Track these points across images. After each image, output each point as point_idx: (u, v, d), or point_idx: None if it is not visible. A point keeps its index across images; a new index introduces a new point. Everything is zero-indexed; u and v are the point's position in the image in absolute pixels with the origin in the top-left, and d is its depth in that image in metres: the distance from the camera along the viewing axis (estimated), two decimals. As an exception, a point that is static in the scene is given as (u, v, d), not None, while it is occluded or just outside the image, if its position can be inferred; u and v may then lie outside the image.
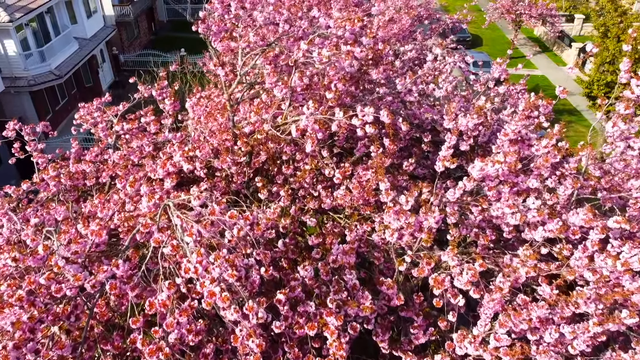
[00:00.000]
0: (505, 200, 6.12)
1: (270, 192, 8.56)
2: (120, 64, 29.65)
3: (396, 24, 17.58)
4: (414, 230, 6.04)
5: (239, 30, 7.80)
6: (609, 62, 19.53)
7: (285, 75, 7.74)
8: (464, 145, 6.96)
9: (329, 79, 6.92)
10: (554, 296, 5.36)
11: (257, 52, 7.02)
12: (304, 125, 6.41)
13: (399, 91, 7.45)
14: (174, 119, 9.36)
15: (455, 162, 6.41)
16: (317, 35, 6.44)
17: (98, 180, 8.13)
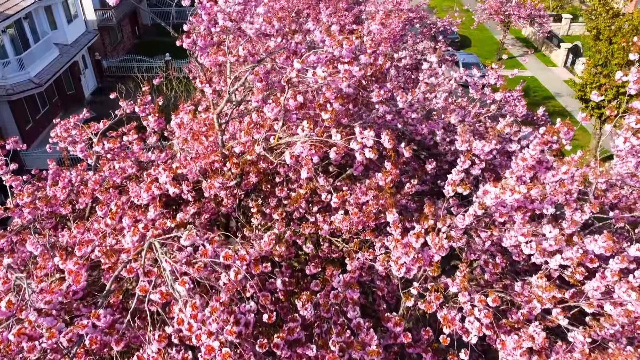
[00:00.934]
0: (519, 228, 5.68)
1: (263, 214, 8.06)
2: (104, 69, 28.84)
3: (387, 28, 17.14)
4: (423, 265, 5.57)
5: (228, 43, 7.29)
6: (601, 65, 19.29)
7: (277, 91, 7.24)
8: (476, 170, 6.50)
9: (325, 98, 6.44)
10: (587, 345, 4.90)
11: (247, 69, 6.50)
12: (298, 152, 5.91)
13: (399, 109, 6.98)
14: (158, 136, 8.81)
15: (469, 189, 5.96)
16: (312, 52, 5.94)
17: (75, 207, 7.56)
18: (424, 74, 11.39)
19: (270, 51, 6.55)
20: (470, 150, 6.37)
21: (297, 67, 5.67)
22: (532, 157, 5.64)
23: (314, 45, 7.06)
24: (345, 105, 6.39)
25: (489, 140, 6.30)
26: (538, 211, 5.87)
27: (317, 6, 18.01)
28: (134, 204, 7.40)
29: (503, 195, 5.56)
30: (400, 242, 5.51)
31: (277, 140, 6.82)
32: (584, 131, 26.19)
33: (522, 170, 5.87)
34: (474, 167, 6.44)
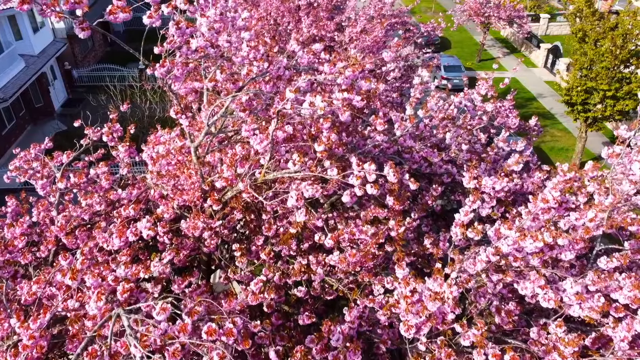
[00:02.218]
0: (537, 280, 5.06)
1: (249, 251, 7.34)
2: (74, 80, 27.59)
3: (369, 35, 16.53)
4: (436, 324, 4.92)
5: (204, 66, 6.55)
6: (587, 68, 19.00)
7: (262, 119, 6.52)
8: (486, 210, 5.86)
9: (317, 128, 5.75)
10: None
11: (229, 97, 5.76)
12: (292, 204, 5.20)
13: (397, 138, 6.32)
14: (130, 167, 7.99)
15: (480, 234, 5.34)
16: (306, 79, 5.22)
17: (36, 255, 6.72)
18: (415, 90, 10.78)
19: (253, 77, 5.83)
20: (479, 188, 5.74)
21: (290, 97, 4.96)
22: (554, 199, 5.03)
23: (298, 66, 6.35)
24: (339, 134, 5.71)
25: (501, 177, 5.67)
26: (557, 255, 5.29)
27: (296, 14, 17.30)
28: (103, 248, 6.61)
29: (523, 243, 4.95)
30: (410, 300, 4.84)
31: (264, 175, 6.10)
32: (567, 133, 26.03)
33: (540, 211, 5.26)
34: (484, 205, 5.79)
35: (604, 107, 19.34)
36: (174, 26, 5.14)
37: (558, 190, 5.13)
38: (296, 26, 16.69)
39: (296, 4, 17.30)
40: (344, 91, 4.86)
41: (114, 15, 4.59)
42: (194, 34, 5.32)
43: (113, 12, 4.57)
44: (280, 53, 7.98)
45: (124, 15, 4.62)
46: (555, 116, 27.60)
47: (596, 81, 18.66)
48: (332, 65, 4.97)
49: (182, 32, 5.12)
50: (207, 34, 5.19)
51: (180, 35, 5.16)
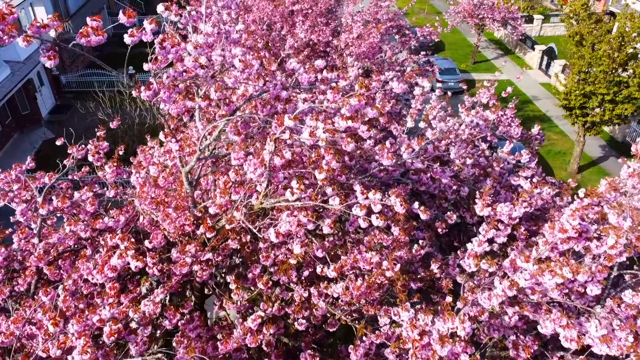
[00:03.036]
0: (558, 319, 4.67)
1: (245, 278, 6.92)
2: (62, 85, 26.95)
3: (365, 41, 16.14)
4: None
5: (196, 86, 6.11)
6: (584, 72, 18.71)
7: (258, 141, 6.09)
8: (501, 238, 5.46)
9: (318, 153, 5.33)
10: None
11: (222, 121, 5.32)
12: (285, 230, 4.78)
13: (404, 161, 5.91)
14: (117, 190, 7.53)
15: (495, 265, 4.94)
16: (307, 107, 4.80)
17: (14, 289, 6.26)
18: (416, 101, 10.38)
19: (248, 98, 5.40)
20: (494, 217, 5.34)
21: (289, 125, 4.53)
22: (573, 229, 4.64)
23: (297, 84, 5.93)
24: (341, 159, 5.29)
25: (518, 203, 5.28)
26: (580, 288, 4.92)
27: (290, 18, 16.87)
28: (88, 281, 6.15)
29: (541, 277, 4.56)
30: (418, 344, 4.44)
31: (261, 203, 5.67)
32: (564, 136, 25.77)
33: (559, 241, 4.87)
34: (498, 234, 5.39)
35: (603, 111, 19.07)
36: (158, 45, 4.69)
37: (577, 218, 4.75)
38: (290, 31, 16.26)
39: (289, 8, 16.88)
40: (348, 119, 4.44)
41: (86, 39, 4.13)
42: (183, 51, 4.87)
43: (85, 35, 4.11)
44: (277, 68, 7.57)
45: (97, 38, 4.16)
46: (551, 119, 27.33)
47: (594, 85, 18.38)
48: (336, 92, 4.55)
49: (166, 51, 4.67)
50: (195, 53, 4.74)
51: (164, 55, 4.71)
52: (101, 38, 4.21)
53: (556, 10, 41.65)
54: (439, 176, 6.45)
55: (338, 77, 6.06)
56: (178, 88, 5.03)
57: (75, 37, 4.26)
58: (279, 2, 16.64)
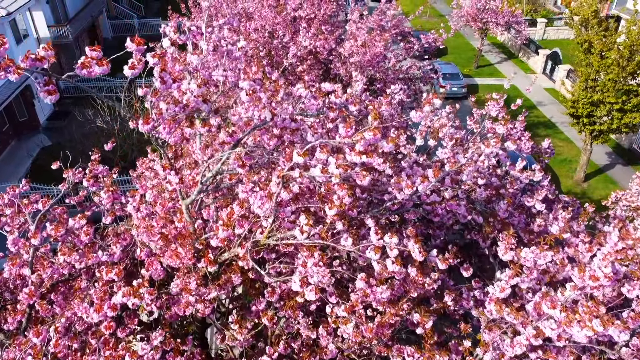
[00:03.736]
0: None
1: (248, 310, 6.57)
2: (61, 90, 26.61)
3: (370, 49, 15.78)
4: None
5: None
6: (592, 79, 18.36)
7: (263, 169, 5.74)
8: (525, 283, 5.08)
9: (328, 187, 4.98)
10: None
11: (225, 154, 4.97)
12: (298, 288, 4.43)
13: (419, 195, 5.55)
14: (113, 216, 7.18)
15: (520, 317, 4.59)
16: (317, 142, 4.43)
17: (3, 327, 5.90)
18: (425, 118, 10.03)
19: (254, 128, 5.04)
20: (517, 262, 4.97)
21: (299, 161, 4.18)
22: (605, 276, 4.27)
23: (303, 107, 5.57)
24: (353, 194, 4.92)
25: (542, 248, 4.91)
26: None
27: (292, 25, 16.51)
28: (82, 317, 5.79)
29: (570, 329, 4.20)
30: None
31: (266, 238, 5.32)
32: (570, 143, 25.42)
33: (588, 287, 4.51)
34: (523, 279, 4.99)
35: (611, 119, 18.72)
36: (157, 77, 4.33)
37: (609, 265, 4.39)
38: (292, 39, 15.91)
39: (292, 15, 16.53)
40: (362, 154, 4.08)
41: (88, 69, 3.78)
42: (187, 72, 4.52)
43: (86, 66, 3.76)
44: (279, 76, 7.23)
45: (100, 69, 3.81)
46: (556, 125, 26.98)
47: (602, 94, 18.02)
48: (348, 126, 4.19)
49: (167, 86, 4.31)
50: (197, 91, 4.38)
51: (165, 89, 4.35)
52: (105, 69, 3.86)
53: (559, 14, 41.30)
54: (454, 209, 6.09)
55: (347, 101, 5.70)
56: (176, 125, 4.68)
57: (75, 68, 3.91)
58: (281, 9, 16.30)
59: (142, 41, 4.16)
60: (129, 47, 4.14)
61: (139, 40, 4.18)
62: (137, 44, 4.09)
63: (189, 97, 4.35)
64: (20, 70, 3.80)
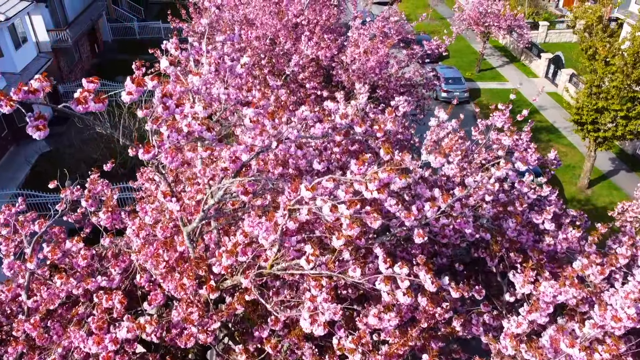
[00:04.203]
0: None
1: (251, 335, 6.38)
2: (60, 95, 26.42)
3: (372, 57, 15.58)
4: None
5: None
6: (597, 86, 18.17)
7: (268, 193, 5.54)
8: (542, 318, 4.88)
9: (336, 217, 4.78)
10: None
11: (229, 182, 4.78)
12: (307, 326, 4.23)
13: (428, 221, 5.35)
14: (112, 237, 6.98)
15: (540, 355, 4.40)
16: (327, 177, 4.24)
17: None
18: (431, 133, 9.87)
19: (258, 151, 4.85)
20: (535, 294, 4.78)
21: (306, 196, 3.99)
22: (628, 318, 4.08)
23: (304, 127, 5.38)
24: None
25: (563, 283, 4.72)
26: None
27: (293, 32, 16.32)
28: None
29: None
30: None
31: (270, 267, 5.12)
32: (573, 148, 25.21)
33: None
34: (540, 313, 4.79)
35: (615, 126, 18.53)
36: (159, 104, 4.14)
37: (632, 306, 4.19)
38: (294, 45, 15.71)
39: (293, 21, 16.34)
40: (373, 190, 3.89)
41: (83, 106, 3.58)
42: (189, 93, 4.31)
43: (81, 102, 3.56)
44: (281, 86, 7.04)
45: (97, 106, 3.62)
46: (559, 130, 26.79)
47: (607, 101, 17.83)
48: (361, 163, 4.00)
49: (170, 111, 4.12)
50: (202, 114, 4.19)
51: (168, 115, 4.16)
52: (101, 106, 3.66)
53: (561, 16, 41.11)
54: (462, 227, 5.90)
55: (352, 122, 5.51)
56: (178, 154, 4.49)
57: (70, 104, 3.71)
58: (281, 16, 16.11)
59: (142, 81, 3.94)
60: (128, 87, 3.93)
61: (139, 81, 3.98)
62: (137, 84, 3.87)
63: (192, 124, 4.16)
64: (12, 103, 3.60)
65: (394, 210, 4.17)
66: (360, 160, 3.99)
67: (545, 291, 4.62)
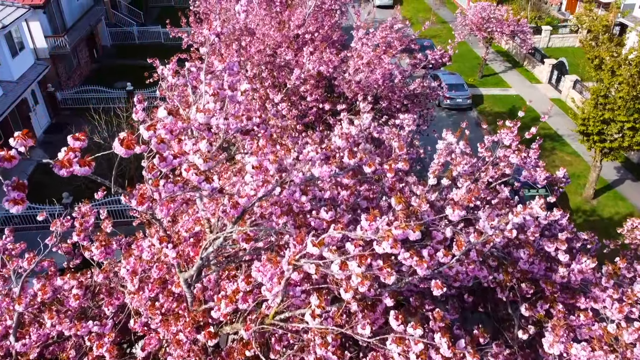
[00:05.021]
0: None
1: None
2: (58, 102, 26.09)
3: (377, 67, 15.26)
4: None
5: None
6: (603, 96, 17.85)
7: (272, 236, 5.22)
8: None
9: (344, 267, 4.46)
10: None
11: (224, 233, 4.45)
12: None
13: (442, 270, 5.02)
14: (107, 274, 6.65)
15: None
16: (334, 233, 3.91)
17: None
18: (439, 156, 9.54)
19: (258, 198, 4.52)
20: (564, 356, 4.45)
21: (314, 252, 3.67)
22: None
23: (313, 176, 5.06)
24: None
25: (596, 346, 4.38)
26: None
27: (294, 42, 16.01)
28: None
29: None
30: None
31: (273, 317, 4.80)
32: (577, 157, 24.88)
33: None
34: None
35: (622, 137, 18.20)
36: (156, 150, 3.80)
37: None
38: (295, 57, 15.38)
39: (294, 32, 16.02)
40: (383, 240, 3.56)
41: (67, 169, 3.25)
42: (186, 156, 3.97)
43: (65, 165, 3.23)
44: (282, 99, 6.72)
45: (82, 170, 3.29)
46: (563, 137, 26.47)
47: (614, 112, 17.50)
48: (372, 218, 3.68)
49: (167, 163, 3.78)
50: (203, 166, 3.86)
51: (165, 167, 3.82)
52: (87, 169, 3.32)
53: (564, 20, 40.78)
54: (477, 274, 5.58)
55: (361, 160, 5.18)
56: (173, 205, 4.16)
57: (54, 166, 3.39)
58: (282, 26, 15.80)
59: (131, 144, 3.58)
60: (116, 149, 3.59)
61: (128, 143, 3.64)
62: (127, 147, 3.52)
63: (190, 176, 3.83)
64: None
65: (408, 263, 3.85)
66: (371, 215, 3.67)
67: (577, 354, 4.30)
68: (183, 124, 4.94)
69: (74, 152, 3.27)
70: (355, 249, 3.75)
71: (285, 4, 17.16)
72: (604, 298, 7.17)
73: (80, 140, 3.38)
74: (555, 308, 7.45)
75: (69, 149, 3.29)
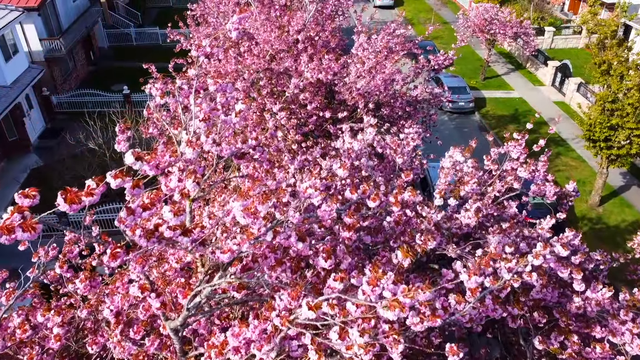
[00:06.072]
0: None
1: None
2: (53, 106, 25.60)
3: (378, 74, 14.81)
4: None
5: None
6: (611, 102, 17.39)
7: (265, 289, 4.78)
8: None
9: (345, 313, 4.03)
10: None
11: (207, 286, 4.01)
12: None
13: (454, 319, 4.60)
14: (93, 309, 6.22)
15: None
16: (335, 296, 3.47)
17: None
18: (445, 176, 9.10)
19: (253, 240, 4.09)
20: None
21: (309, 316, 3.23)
22: None
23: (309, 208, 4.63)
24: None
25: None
26: None
27: (294, 46, 15.55)
28: None
29: None
30: None
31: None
32: (582, 162, 24.42)
33: None
34: None
35: (630, 144, 17.76)
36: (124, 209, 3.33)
37: None
38: (295, 63, 14.93)
39: (294, 37, 15.57)
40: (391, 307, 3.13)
41: (8, 236, 2.78)
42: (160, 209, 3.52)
43: (5, 232, 2.75)
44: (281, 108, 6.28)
45: (25, 235, 2.83)
46: (567, 142, 26.01)
47: (622, 118, 17.05)
48: (374, 282, 3.23)
49: (137, 215, 3.32)
50: (174, 221, 3.41)
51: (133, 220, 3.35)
52: (32, 234, 2.85)
53: (567, 21, 40.29)
54: (491, 314, 5.15)
55: (365, 194, 4.75)
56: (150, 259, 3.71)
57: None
58: (282, 32, 15.35)
59: (76, 199, 3.12)
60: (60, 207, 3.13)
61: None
62: (70, 202, 3.04)
63: (163, 230, 3.37)
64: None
65: (418, 329, 3.42)
66: (373, 278, 3.22)
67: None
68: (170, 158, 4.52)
69: (20, 213, 2.77)
70: (357, 310, 3.32)
71: (285, 8, 16.71)
72: (623, 332, 6.76)
73: (30, 198, 2.90)
74: (570, 340, 7.04)
75: (16, 209, 2.80)
